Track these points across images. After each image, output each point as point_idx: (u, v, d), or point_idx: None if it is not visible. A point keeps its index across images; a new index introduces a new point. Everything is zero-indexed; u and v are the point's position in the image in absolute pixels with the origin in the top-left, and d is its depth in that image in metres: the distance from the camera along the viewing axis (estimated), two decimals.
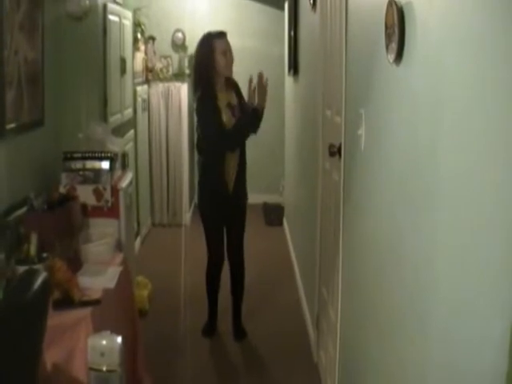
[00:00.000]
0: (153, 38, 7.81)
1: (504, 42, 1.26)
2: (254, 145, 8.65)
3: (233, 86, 4.62)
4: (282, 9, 7.85)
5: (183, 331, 4.62)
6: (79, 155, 4.19)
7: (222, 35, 4.48)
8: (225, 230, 4.71)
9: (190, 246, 5.19)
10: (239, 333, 4.81)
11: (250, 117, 4.48)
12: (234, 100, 4.57)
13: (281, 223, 7.72)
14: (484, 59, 1.37)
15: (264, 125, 4.58)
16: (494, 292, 1.29)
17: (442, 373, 1.61)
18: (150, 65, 7.71)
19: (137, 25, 7.05)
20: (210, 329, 4.84)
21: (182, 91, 7.68)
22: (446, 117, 1.58)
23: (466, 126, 1.46)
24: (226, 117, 4.46)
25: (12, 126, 3.64)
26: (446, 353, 1.56)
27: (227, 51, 4.46)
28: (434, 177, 1.66)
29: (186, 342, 4.46)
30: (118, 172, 4.48)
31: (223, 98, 4.50)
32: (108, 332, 2.64)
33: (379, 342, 2.32)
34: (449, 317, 1.55)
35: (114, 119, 5.51)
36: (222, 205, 4.59)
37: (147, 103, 7.52)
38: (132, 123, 6.58)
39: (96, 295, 3.04)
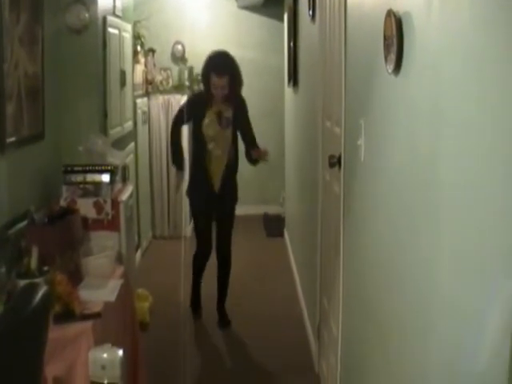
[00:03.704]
0: (152, 51, 7.82)
1: (503, 51, 1.26)
2: None
3: (234, 101, 4.93)
4: (282, 20, 7.87)
5: (184, 343, 4.60)
6: (79, 168, 4.20)
7: (220, 73, 4.74)
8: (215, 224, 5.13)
9: (191, 259, 5.19)
10: (223, 321, 5.07)
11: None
12: (228, 112, 4.95)
13: (281, 234, 7.71)
14: (482, 68, 1.37)
15: (264, 135, 4.61)
16: (496, 301, 1.29)
17: (444, 380, 1.60)
18: (149, 77, 7.72)
19: (136, 37, 7.07)
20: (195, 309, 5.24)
21: (182, 103, 7.65)
22: (444, 126, 1.58)
23: (466, 135, 1.46)
24: (209, 120, 4.91)
25: (12, 139, 3.65)
26: (448, 361, 1.56)
27: (218, 87, 4.79)
28: (434, 187, 1.66)
29: (187, 354, 4.44)
30: (119, 185, 4.48)
31: (215, 106, 4.91)
32: (109, 345, 2.64)
33: (380, 351, 2.32)
34: (450, 327, 1.55)
35: (115, 132, 5.51)
36: (207, 199, 4.98)
37: (147, 116, 7.51)
38: (132, 136, 6.58)
39: (97, 308, 3.03)
